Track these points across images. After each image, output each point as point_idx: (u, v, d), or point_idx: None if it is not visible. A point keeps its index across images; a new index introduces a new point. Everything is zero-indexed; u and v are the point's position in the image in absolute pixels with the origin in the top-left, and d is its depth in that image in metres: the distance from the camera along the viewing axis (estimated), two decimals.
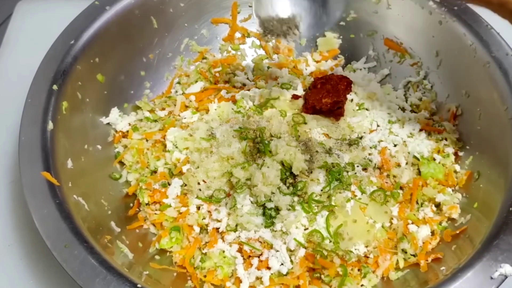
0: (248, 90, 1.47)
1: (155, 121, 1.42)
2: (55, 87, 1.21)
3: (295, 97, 1.41)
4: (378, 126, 1.40)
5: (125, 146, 1.37)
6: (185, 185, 1.29)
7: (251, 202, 1.23)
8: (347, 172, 1.27)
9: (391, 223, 1.25)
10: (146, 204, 1.29)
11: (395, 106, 1.43)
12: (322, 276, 1.15)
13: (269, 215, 1.21)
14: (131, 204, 1.30)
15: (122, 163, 1.36)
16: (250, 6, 1.54)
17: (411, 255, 1.19)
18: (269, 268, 1.17)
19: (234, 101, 1.44)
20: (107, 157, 1.34)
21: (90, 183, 1.22)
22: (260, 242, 1.20)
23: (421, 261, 1.15)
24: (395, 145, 1.35)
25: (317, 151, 1.27)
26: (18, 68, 1.52)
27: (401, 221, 1.24)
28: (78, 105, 1.26)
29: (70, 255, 1.01)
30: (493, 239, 1.04)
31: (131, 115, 1.42)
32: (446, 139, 1.34)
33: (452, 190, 1.28)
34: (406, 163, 1.31)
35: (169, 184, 1.30)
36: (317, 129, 1.34)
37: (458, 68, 1.33)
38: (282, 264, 1.17)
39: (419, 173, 1.31)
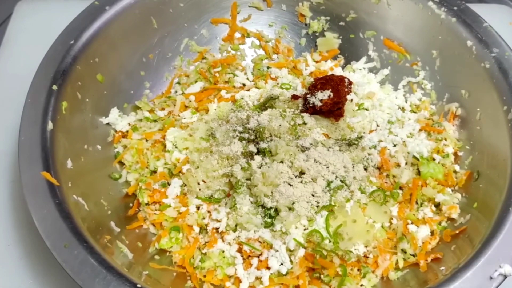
0: (248, 90, 1.47)
1: (155, 121, 1.42)
2: (54, 87, 1.21)
3: (295, 97, 1.41)
4: (377, 126, 1.40)
5: (124, 146, 1.37)
6: (185, 185, 1.29)
7: (251, 202, 1.23)
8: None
9: (391, 223, 1.25)
10: (146, 204, 1.29)
11: (394, 106, 1.43)
12: (322, 276, 1.15)
13: (269, 215, 1.21)
14: (131, 204, 1.30)
15: (121, 163, 1.36)
16: (250, 6, 1.54)
17: (411, 255, 1.19)
18: (268, 268, 1.17)
19: (234, 101, 1.44)
20: (106, 157, 1.34)
21: (89, 183, 1.22)
22: (260, 242, 1.20)
23: (421, 261, 1.15)
24: (394, 145, 1.35)
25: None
26: (18, 68, 1.52)
27: (400, 221, 1.24)
28: (78, 105, 1.26)
29: (70, 255, 1.02)
30: (492, 239, 1.04)
31: (130, 115, 1.42)
32: (445, 139, 1.34)
33: (452, 190, 1.28)
34: (406, 163, 1.31)
35: (169, 184, 1.30)
36: (317, 129, 1.34)
37: (458, 68, 1.33)
38: (281, 264, 1.17)
39: (418, 173, 1.31)
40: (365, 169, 1.30)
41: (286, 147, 1.26)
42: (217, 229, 1.23)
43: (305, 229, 1.20)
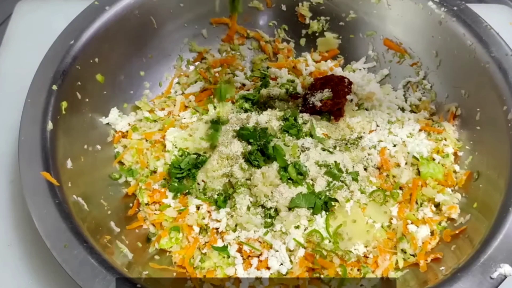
0: (248, 90, 1.47)
1: (155, 121, 1.42)
2: (54, 87, 1.21)
3: (295, 97, 1.41)
4: (377, 126, 1.40)
5: (124, 146, 1.37)
6: None
7: (251, 202, 1.23)
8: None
9: (391, 223, 1.25)
10: (146, 204, 1.29)
11: (394, 106, 1.43)
12: (322, 276, 1.15)
13: (269, 215, 1.21)
14: (131, 204, 1.30)
15: (121, 163, 1.36)
16: (250, 6, 1.54)
17: (411, 255, 1.19)
18: (268, 268, 1.17)
19: (234, 101, 1.44)
20: (106, 157, 1.34)
21: (89, 183, 1.22)
22: (260, 242, 1.20)
23: (421, 261, 1.15)
24: (394, 145, 1.35)
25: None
26: (18, 68, 1.52)
27: (400, 221, 1.24)
28: (77, 105, 1.26)
29: (70, 255, 1.01)
30: (492, 239, 1.04)
31: (130, 115, 1.42)
32: (445, 139, 1.34)
33: (452, 190, 1.28)
34: (406, 163, 1.31)
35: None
36: (317, 129, 1.34)
37: (458, 68, 1.33)
38: (281, 264, 1.17)
39: (418, 173, 1.31)
40: (365, 169, 1.30)
41: (286, 147, 1.26)
42: (217, 229, 1.23)
43: (305, 229, 1.20)
